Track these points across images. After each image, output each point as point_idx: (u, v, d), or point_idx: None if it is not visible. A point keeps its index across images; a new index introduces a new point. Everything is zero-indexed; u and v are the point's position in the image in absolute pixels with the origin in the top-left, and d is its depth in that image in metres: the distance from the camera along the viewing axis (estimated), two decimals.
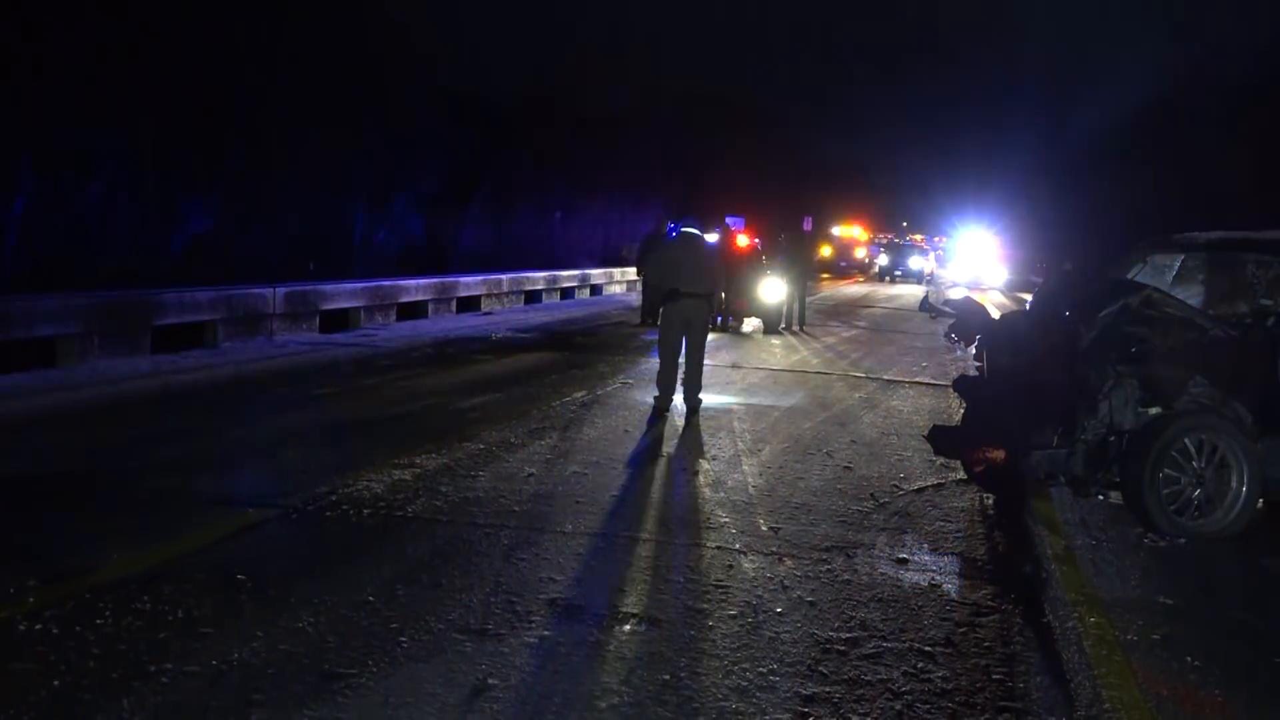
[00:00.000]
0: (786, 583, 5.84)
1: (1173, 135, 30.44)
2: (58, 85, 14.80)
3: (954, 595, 5.85)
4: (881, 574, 6.12)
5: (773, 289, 21.05)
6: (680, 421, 10.56)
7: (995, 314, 9.15)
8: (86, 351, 13.10)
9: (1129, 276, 8.93)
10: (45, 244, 14.86)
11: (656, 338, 12.04)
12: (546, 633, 4.93)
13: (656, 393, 11.23)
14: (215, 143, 17.79)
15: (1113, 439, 7.28)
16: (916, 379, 14.70)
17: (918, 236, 76.06)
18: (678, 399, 11.21)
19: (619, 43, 28.62)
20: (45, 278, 13.88)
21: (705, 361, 11.61)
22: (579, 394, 11.92)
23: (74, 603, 4.96)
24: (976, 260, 52.03)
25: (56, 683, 4.17)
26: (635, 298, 27.38)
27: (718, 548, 6.40)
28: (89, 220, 15.62)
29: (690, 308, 11.29)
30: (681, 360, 11.32)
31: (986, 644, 5.14)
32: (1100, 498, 7.55)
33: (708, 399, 11.56)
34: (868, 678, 4.64)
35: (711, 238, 16.74)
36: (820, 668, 4.72)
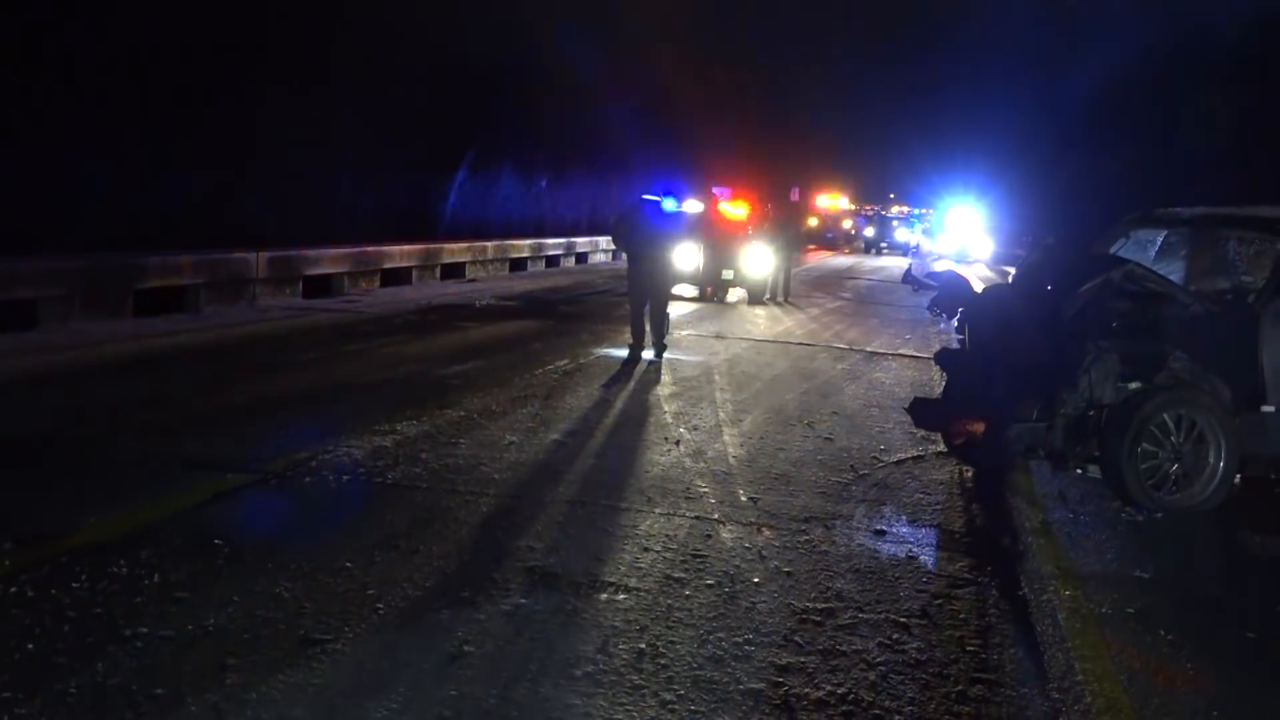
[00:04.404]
0: (764, 553, 5.86)
1: (1156, 109, 30.46)
2: (36, 44, 14.66)
3: (931, 567, 5.88)
4: (859, 545, 6.14)
5: (758, 260, 21.03)
6: (663, 390, 10.57)
7: (978, 287, 9.16)
8: (67, 314, 13.04)
9: (1111, 251, 8.96)
10: (27, 206, 14.73)
11: None
12: (523, 600, 4.93)
13: (630, 340, 12.67)
14: (200, 106, 17.65)
15: (1092, 413, 7.31)
16: (899, 351, 14.72)
17: (904, 209, 76.00)
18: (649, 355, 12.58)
19: (605, 9, 28.45)
20: (27, 240, 13.76)
21: (690, 332, 13.13)
22: (561, 362, 11.91)
23: (50, 566, 4.95)
24: (963, 233, 52.01)
25: (31, 646, 4.16)
26: (620, 265, 27.33)
27: (696, 517, 6.41)
28: (72, 182, 15.48)
29: (649, 267, 12.74)
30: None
31: (962, 616, 5.17)
32: (1079, 471, 7.59)
33: (690, 368, 11.95)
34: (843, 648, 4.66)
35: (688, 206, 18.64)
36: (796, 638, 4.73)
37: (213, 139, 17.82)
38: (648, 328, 12.72)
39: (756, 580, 5.43)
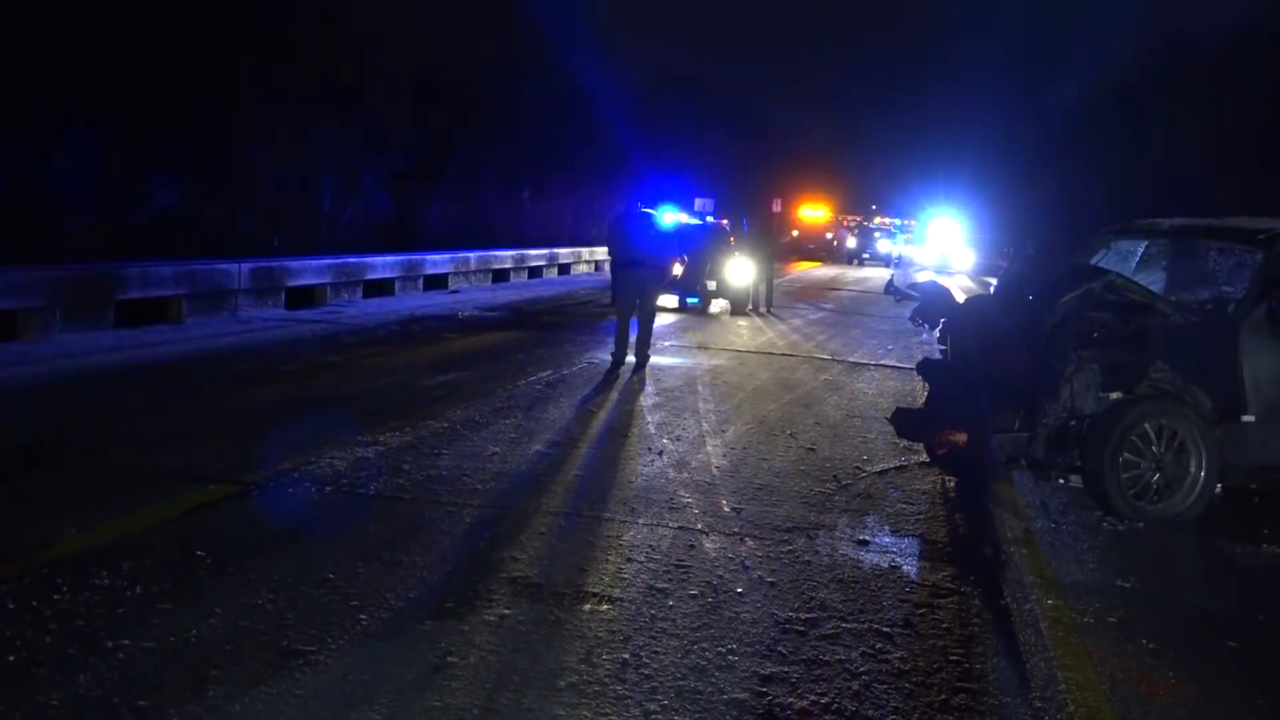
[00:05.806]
0: (747, 563, 5.86)
1: (1138, 120, 30.67)
2: (24, 54, 14.63)
3: (913, 577, 5.89)
4: (842, 555, 6.14)
5: (740, 270, 21.06)
6: (646, 401, 10.57)
7: (960, 297, 9.19)
8: (48, 325, 12.98)
9: (1093, 261, 8.99)
10: (8, 216, 14.69)
11: None
12: (507, 611, 4.92)
13: (613, 349, 12.65)
14: (184, 118, 17.63)
15: (1074, 423, 7.33)
16: (881, 362, 14.75)
17: (886, 219, 76.14)
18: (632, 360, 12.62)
19: (588, 20, 28.56)
20: (7, 250, 13.72)
21: (672, 342, 13.05)
22: (544, 373, 11.91)
23: (31, 577, 4.92)
24: (945, 244, 52.14)
25: (12, 658, 4.14)
26: (603, 277, 27.33)
27: (680, 528, 6.42)
28: (54, 193, 15.45)
29: (641, 276, 12.70)
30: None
31: (945, 625, 5.18)
32: (1061, 481, 7.60)
33: (673, 378, 11.97)
34: (826, 658, 4.67)
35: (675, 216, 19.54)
36: (779, 647, 4.74)
37: (193, 151, 17.79)
38: (632, 338, 12.69)
39: (740, 590, 5.43)
